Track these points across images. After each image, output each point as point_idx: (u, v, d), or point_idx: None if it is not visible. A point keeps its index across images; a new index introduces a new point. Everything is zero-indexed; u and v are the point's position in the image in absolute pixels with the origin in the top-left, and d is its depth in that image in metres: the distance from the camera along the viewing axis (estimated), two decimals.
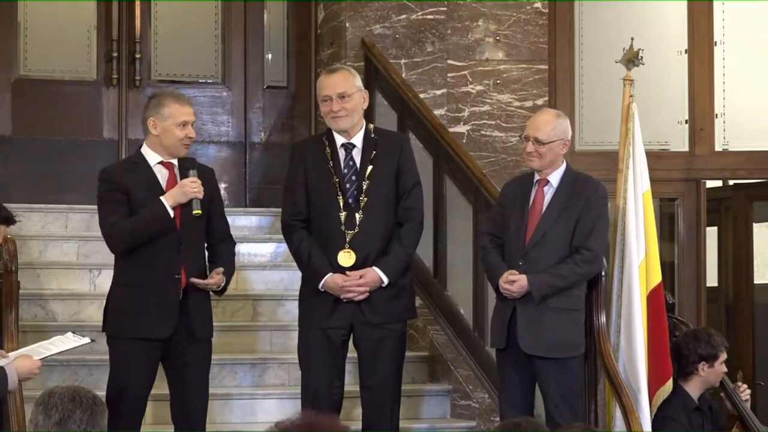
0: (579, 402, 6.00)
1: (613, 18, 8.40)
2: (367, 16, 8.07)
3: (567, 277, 5.86)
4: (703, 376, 6.24)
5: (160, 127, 5.75)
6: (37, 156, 8.13)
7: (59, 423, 3.94)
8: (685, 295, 8.35)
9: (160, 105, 5.77)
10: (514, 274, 5.83)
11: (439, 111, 7.93)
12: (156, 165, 5.77)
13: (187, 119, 5.75)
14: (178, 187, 5.68)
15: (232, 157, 8.47)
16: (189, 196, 5.67)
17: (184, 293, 5.67)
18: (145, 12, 8.35)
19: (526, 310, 5.85)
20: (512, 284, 5.82)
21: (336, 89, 5.88)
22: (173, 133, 5.73)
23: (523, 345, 5.83)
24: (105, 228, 5.73)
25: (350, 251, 5.84)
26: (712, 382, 6.29)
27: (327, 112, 5.92)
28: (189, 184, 5.68)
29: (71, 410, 3.96)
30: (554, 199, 5.96)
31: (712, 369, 6.24)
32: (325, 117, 5.96)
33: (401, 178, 5.95)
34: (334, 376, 5.88)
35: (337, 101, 5.87)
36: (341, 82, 5.90)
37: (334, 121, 5.91)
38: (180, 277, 5.66)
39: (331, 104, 5.88)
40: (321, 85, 5.94)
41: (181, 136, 5.73)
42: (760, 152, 8.53)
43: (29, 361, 5.25)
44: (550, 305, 5.85)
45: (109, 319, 5.75)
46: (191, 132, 5.76)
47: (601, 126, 8.28)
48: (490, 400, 6.93)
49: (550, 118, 6.03)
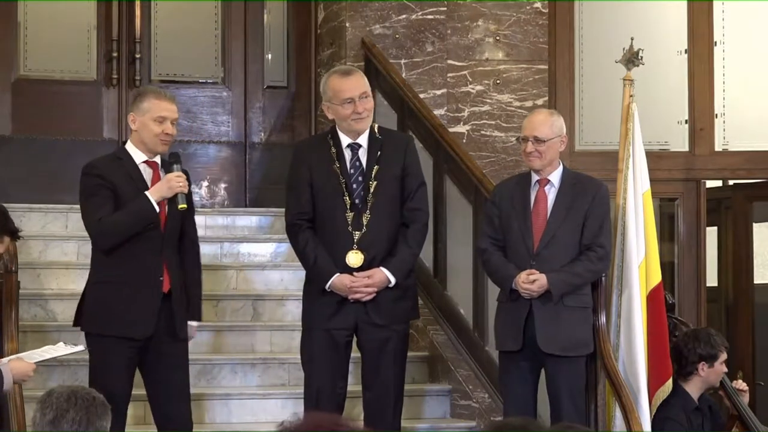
0: (583, 401, 6.02)
1: (613, 18, 8.40)
2: (367, 16, 8.07)
3: (583, 275, 5.90)
4: (702, 376, 6.24)
5: (138, 122, 5.70)
6: (37, 156, 8.13)
7: (52, 422, 3.94)
8: (685, 295, 8.35)
9: (140, 100, 5.73)
10: (533, 273, 5.84)
11: (439, 111, 7.93)
12: (141, 164, 5.71)
13: (165, 115, 5.67)
14: (164, 181, 5.64)
15: (232, 157, 8.47)
16: (174, 191, 5.63)
17: (166, 293, 5.65)
18: (145, 12, 8.35)
19: (544, 309, 5.85)
20: (532, 283, 5.83)
21: (359, 90, 5.86)
22: (150, 128, 5.66)
23: (542, 344, 5.83)
24: (92, 223, 5.65)
25: (358, 251, 5.83)
26: (712, 382, 6.29)
27: (348, 114, 5.86)
28: (174, 178, 5.64)
29: (65, 409, 3.96)
30: (559, 199, 5.97)
31: (712, 369, 6.24)
32: (343, 119, 5.88)
33: (407, 178, 5.94)
34: (338, 376, 5.88)
35: (361, 102, 5.86)
36: (362, 83, 5.90)
37: (357, 122, 5.88)
38: (162, 279, 5.63)
39: (354, 106, 5.84)
40: (340, 88, 5.87)
41: (158, 132, 5.65)
42: (760, 152, 8.53)
43: (24, 363, 5.26)
44: (565, 304, 5.87)
45: (88, 317, 5.67)
46: (169, 128, 5.67)
47: (601, 126, 8.28)
48: (490, 400, 6.93)
49: (546, 117, 6.06)
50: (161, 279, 5.63)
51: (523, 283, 5.84)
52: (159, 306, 5.62)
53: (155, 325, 5.61)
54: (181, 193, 5.64)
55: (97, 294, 5.67)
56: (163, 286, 5.64)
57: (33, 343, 6.44)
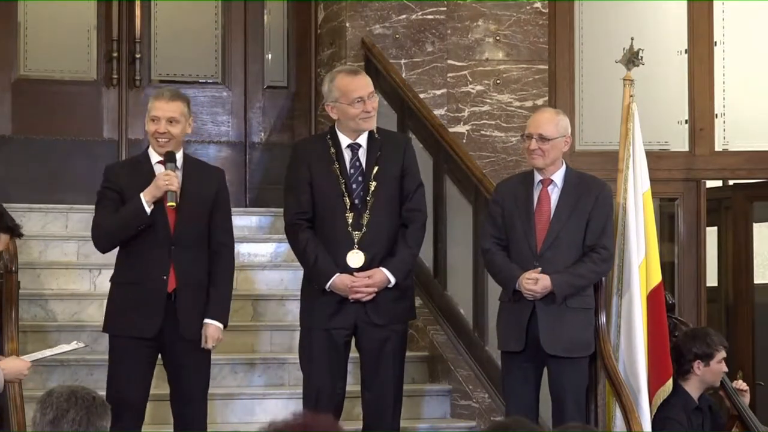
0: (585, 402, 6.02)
1: (613, 18, 8.40)
2: (367, 16, 8.07)
3: (586, 276, 5.90)
4: (699, 375, 6.24)
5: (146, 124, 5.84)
6: (37, 156, 8.12)
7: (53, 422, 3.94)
8: (685, 295, 8.34)
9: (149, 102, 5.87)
10: (537, 275, 5.83)
11: (439, 111, 7.93)
12: (156, 164, 5.79)
13: (157, 114, 5.75)
14: (154, 181, 5.68)
15: (232, 157, 8.47)
16: (162, 189, 5.65)
17: (175, 294, 5.66)
18: (145, 12, 8.34)
19: (548, 311, 5.84)
20: (536, 284, 5.82)
21: (367, 89, 5.88)
22: (147, 128, 5.81)
23: (545, 345, 5.83)
24: (92, 227, 5.81)
25: (359, 252, 5.84)
26: (709, 381, 6.27)
27: (358, 113, 5.86)
28: (162, 177, 5.67)
29: (65, 409, 3.96)
30: (562, 199, 5.96)
31: (708, 368, 6.23)
32: (351, 119, 5.87)
33: (405, 179, 5.95)
34: (337, 377, 5.88)
35: (370, 101, 5.87)
36: (369, 82, 5.94)
37: (366, 121, 5.89)
38: (167, 278, 5.65)
39: (364, 104, 5.86)
40: (350, 87, 5.86)
41: (152, 131, 5.76)
42: (760, 152, 8.53)
43: (18, 362, 5.26)
44: (568, 305, 5.87)
45: (107, 318, 5.77)
46: (161, 127, 5.73)
47: (601, 126, 8.28)
48: (490, 400, 6.93)
49: (552, 116, 6.05)
50: (165, 278, 5.64)
51: (527, 284, 5.84)
52: (163, 305, 5.64)
53: (161, 324, 5.63)
54: (170, 191, 5.65)
55: (112, 295, 5.78)
56: (167, 285, 5.65)
57: (33, 343, 6.46)
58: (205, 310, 5.72)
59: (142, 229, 5.64)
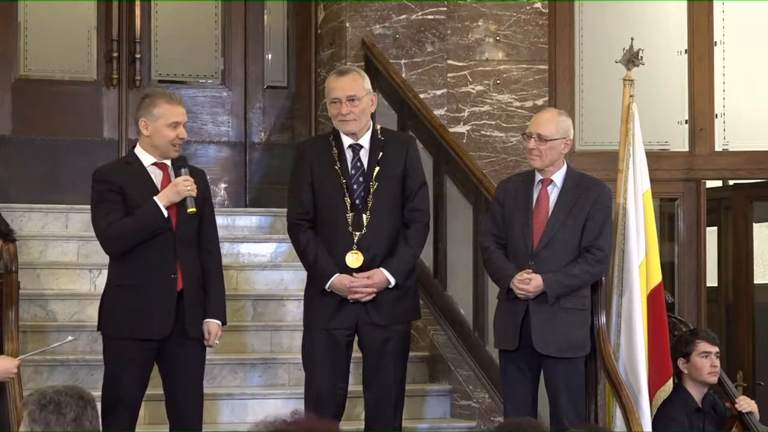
0: (582, 401, 6.01)
1: (613, 18, 8.40)
2: (367, 16, 8.07)
3: (580, 277, 5.89)
4: (687, 372, 6.24)
5: (151, 128, 5.71)
6: (37, 156, 8.12)
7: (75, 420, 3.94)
8: (685, 295, 8.34)
9: (152, 105, 5.72)
10: (529, 274, 5.83)
11: (439, 111, 7.93)
12: (150, 166, 5.74)
13: (179, 120, 5.70)
14: (172, 186, 5.65)
15: (232, 157, 8.47)
16: (183, 195, 5.64)
17: (180, 293, 5.67)
18: (145, 12, 8.35)
19: (540, 311, 5.85)
20: (528, 284, 5.82)
21: (345, 92, 5.87)
22: (164, 134, 5.69)
23: (537, 345, 5.83)
24: (101, 229, 5.71)
25: (358, 252, 5.84)
26: (696, 376, 6.23)
27: (335, 114, 5.90)
28: (182, 182, 5.65)
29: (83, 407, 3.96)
30: (560, 200, 5.97)
31: (690, 363, 6.22)
32: (333, 118, 5.94)
33: (408, 179, 5.95)
34: (339, 377, 5.88)
35: (346, 104, 5.86)
36: (351, 85, 5.88)
37: (342, 124, 5.90)
38: (176, 276, 5.65)
39: (340, 107, 5.87)
40: (330, 87, 5.91)
41: (172, 137, 5.69)
42: (760, 152, 8.53)
43: (7, 360, 5.25)
44: (561, 305, 5.87)
45: (106, 320, 5.73)
46: (182, 133, 5.72)
47: (601, 126, 8.28)
48: (491, 400, 6.93)
49: (553, 116, 6.04)
50: (174, 276, 5.64)
51: (519, 283, 5.84)
52: (174, 304, 5.64)
53: (171, 327, 5.63)
54: (190, 196, 5.65)
55: (115, 298, 5.71)
56: (177, 284, 5.65)
57: (33, 344, 6.46)
58: (205, 308, 5.72)
59: (158, 233, 5.62)
